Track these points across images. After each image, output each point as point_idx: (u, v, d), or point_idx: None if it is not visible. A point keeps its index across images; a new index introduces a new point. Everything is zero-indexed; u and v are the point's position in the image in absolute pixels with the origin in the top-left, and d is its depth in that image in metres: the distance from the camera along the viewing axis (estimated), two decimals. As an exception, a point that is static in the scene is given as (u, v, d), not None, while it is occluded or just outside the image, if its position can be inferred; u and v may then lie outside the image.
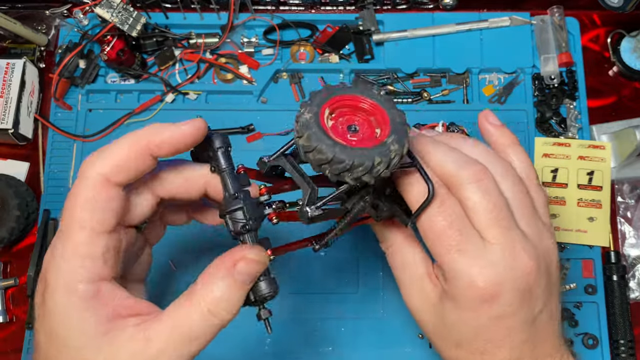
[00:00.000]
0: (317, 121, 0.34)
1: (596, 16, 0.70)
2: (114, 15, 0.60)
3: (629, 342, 0.59)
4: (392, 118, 0.36)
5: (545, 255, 0.38)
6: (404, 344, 0.60)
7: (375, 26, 0.68)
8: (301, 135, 0.34)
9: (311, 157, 0.34)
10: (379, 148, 0.34)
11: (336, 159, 0.33)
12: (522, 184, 0.40)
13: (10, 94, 0.64)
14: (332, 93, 0.36)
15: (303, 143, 0.34)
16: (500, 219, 0.37)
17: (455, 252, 0.37)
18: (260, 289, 0.36)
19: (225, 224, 0.37)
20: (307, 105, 0.35)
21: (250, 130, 0.65)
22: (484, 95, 0.67)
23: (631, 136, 0.60)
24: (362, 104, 0.37)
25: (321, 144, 0.33)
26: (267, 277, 0.36)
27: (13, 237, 0.61)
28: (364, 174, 0.34)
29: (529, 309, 0.38)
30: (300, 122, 0.35)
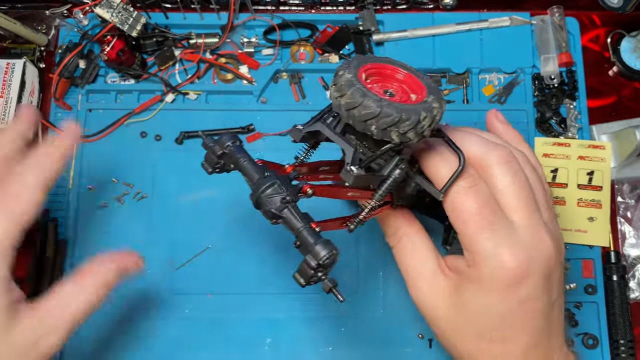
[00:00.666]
0: (359, 79, 0.35)
1: (596, 16, 0.70)
2: (114, 15, 0.60)
3: (629, 342, 0.59)
4: (427, 84, 0.37)
5: (559, 242, 0.40)
6: (404, 344, 0.60)
7: (375, 26, 0.68)
8: (344, 93, 0.35)
9: (356, 114, 0.34)
10: (422, 104, 0.35)
11: (384, 113, 0.33)
12: (537, 173, 0.41)
13: (10, 94, 0.64)
14: (366, 60, 0.37)
15: (347, 100, 0.34)
16: (528, 202, 0.38)
17: (487, 232, 0.37)
18: (318, 253, 0.34)
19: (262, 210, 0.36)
20: (345, 68, 0.36)
21: (250, 130, 0.65)
22: (484, 95, 0.67)
23: (631, 136, 0.60)
24: (395, 73, 0.38)
25: (367, 99, 0.34)
26: (320, 239, 0.35)
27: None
28: (410, 129, 0.34)
29: (549, 295, 0.38)
30: (342, 81, 0.35)
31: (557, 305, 0.40)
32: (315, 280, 0.35)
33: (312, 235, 0.35)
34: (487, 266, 0.37)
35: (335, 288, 0.35)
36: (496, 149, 0.39)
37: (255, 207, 0.36)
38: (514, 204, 0.38)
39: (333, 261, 0.34)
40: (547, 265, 0.38)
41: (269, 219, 0.36)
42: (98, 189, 0.64)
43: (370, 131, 0.35)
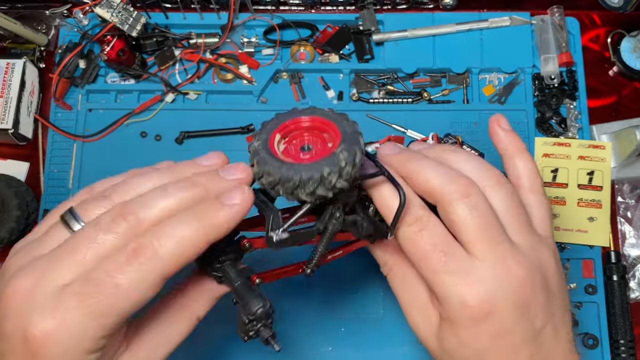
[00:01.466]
0: (266, 146, 0.35)
1: (596, 16, 0.70)
2: (114, 15, 0.60)
3: (629, 342, 0.59)
4: (343, 130, 0.35)
5: (540, 268, 0.37)
6: (404, 344, 0.60)
7: (375, 26, 0.68)
8: (252, 163, 0.35)
9: (264, 182, 0.34)
10: (327, 159, 0.33)
11: (284, 178, 0.33)
12: (516, 197, 0.38)
13: (10, 94, 0.64)
14: (282, 119, 0.37)
15: (255, 170, 0.34)
16: (488, 234, 0.36)
17: (442, 273, 0.35)
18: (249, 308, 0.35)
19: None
20: (257, 134, 0.36)
21: (250, 130, 0.65)
22: (484, 95, 0.67)
23: (631, 136, 0.60)
24: (312, 123, 0.37)
25: (268, 166, 0.33)
26: (253, 294, 0.35)
27: (13, 237, 0.61)
28: (316, 187, 0.33)
29: (528, 324, 0.36)
30: (251, 151, 0.35)
31: (549, 327, 0.37)
32: (253, 333, 0.35)
33: (246, 290, 0.36)
34: (450, 306, 0.36)
35: (272, 338, 0.36)
36: (454, 182, 0.36)
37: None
38: (472, 238, 0.36)
39: (266, 313, 0.35)
40: (519, 294, 0.35)
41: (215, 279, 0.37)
42: (98, 189, 0.64)
43: (281, 196, 0.34)
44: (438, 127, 0.65)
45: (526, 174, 0.40)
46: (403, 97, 0.67)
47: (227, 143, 0.65)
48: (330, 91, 0.67)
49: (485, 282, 0.35)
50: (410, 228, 0.37)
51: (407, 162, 0.38)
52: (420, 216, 0.37)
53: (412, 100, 0.67)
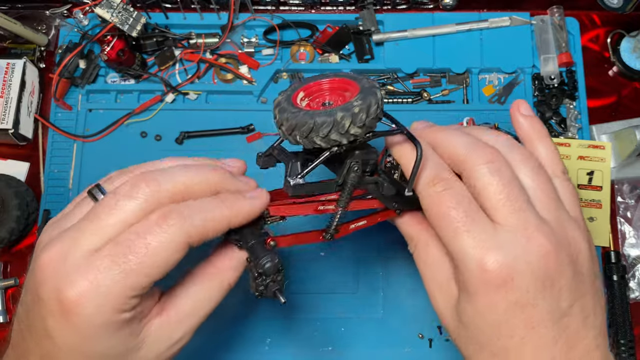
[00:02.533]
0: (288, 100, 0.38)
1: (596, 16, 0.70)
2: (114, 15, 0.60)
3: (629, 342, 0.59)
4: (362, 85, 0.37)
5: (568, 244, 0.35)
6: (404, 344, 0.60)
7: (375, 26, 0.68)
8: (274, 114, 0.37)
9: (283, 129, 0.37)
10: (342, 106, 0.35)
11: (300, 122, 0.35)
12: (544, 172, 0.38)
13: (10, 94, 0.64)
14: (308, 80, 0.39)
15: (276, 119, 0.37)
16: (511, 199, 0.35)
17: (462, 233, 0.35)
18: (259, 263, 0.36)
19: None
20: (282, 92, 0.39)
21: (250, 130, 0.65)
22: (484, 95, 0.67)
23: (631, 136, 0.60)
24: (332, 84, 0.39)
25: (287, 113, 0.36)
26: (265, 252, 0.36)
27: (13, 237, 0.61)
28: (329, 131, 0.35)
29: (552, 300, 0.34)
30: (275, 104, 0.38)
31: (577, 307, 0.35)
32: (263, 288, 0.36)
33: (259, 248, 0.37)
34: (468, 270, 0.35)
35: (279, 292, 0.36)
36: (478, 149, 0.36)
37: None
38: (494, 203, 0.35)
39: (275, 268, 0.36)
40: (542, 266, 0.34)
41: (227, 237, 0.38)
42: (98, 189, 0.64)
43: (297, 142, 0.36)
44: (438, 127, 0.65)
45: (549, 159, 0.39)
46: (403, 97, 0.67)
47: (227, 143, 0.65)
48: (330, 91, 0.67)
49: (505, 247, 0.34)
50: (434, 187, 0.37)
51: (436, 132, 0.40)
52: (445, 177, 0.37)
53: (412, 100, 0.67)
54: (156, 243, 0.32)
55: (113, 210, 0.33)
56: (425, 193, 0.37)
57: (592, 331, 0.35)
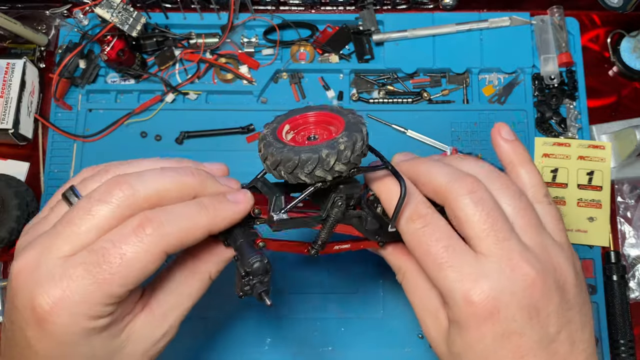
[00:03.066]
0: (273, 133, 0.38)
1: (596, 16, 0.70)
2: (114, 15, 0.60)
3: (628, 342, 0.59)
4: (348, 121, 0.37)
5: (554, 269, 0.35)
6: (404, 344, 0.60)
7: (375, 26, 0.68)
8: (259, 148, 0.37)
9: (268, 164, 0.37)
10: (328, 143, 0.35)
11: (285, 158, 0.35)
12: (525, 198, 0.37)
13: (10, 94, 0.64)
14: (292, 114, 0.40)
15: (261, 153, 0.37)
16: (495, 229, 0.35)
17: (445, 268, 0.35)
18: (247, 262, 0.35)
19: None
20: (268, 125, 0.39)
21: (250, 130, 0.65)
22: (484, 95, 0.67)
23: (631, 136, 0.60)
24: (318, 117, 0.39)
25: (272, 148, 0.36)
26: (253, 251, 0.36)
27: (13, 237, 0.61)
28: (314, 168, 0.35)
29: (540, 328, 0.34)
30: (260, 138, 0.38)
31: (564, 334, 0.35)
32: (248, 288, 0.35)
33: (247, 247, 0.36)
34: (455, 304, 0.35)
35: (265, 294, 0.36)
36: (459, 179, 0.36)
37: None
38: (478, 233, 0.35)
39: (263, 269, 0.35)
40: (528, 295, 0.34)
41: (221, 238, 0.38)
42: (98, 189, 0.64)
43: (281, 177, 0.36)
44: (438, 127, 0.65)
45: (531, 184, 0.39)
46: (403, 97, 0.67)
47: (227, 143, 0.65)
48: (330, 91, 0.67)
49: (489, 279, 0.34)
50: (414, 224, 0.37)
51: (417, 165, 0.39)
52: (424, 214, 0.37)
53: (412, 100, 0.67)
54: (131, 253, 0.31)
55: (87, 215, 0.32)
56: (406, 229, 0.37)
57: (581, 355, 0.35)
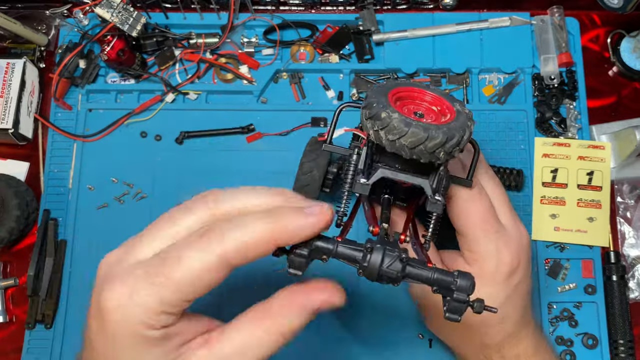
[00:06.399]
0: (394, 109, 0.35)
1: (596, 16, 0.70)
2: (114, 15, 0.60)
3: (628, 342, 0.59)
4: (454, 105, 0.39)
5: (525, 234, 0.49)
6: (404, 344, 0.60)
7: (375, 26, 0.68)
8: (386, 125, 0.35)
9: (404, 142, 0.35)
10: (457, 121, 0.36)
11: (432, 136, 0.34)
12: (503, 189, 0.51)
13: (10, 94, 0.64)
14: (389, 88, 0.38)
15: (411, 139, 0.34)
16: (509, 203, 0.48)
17: (492, 234, 0.45)
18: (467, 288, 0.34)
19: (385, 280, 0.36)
20: (374, 99, 0.36)
21: (250, 130, 0.65)
22: (484, 95, 0.67)
23: (631, 136, 0.60)
24: (421, 95, 0.40)
25: (413, 127, 0.34)
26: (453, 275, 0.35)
27: (13, 237, 0.61)
28: (455, 147, 0.36)
29: (530, 275, 0.49)
30: (394, 122, 0.35)
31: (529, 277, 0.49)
32: (463, 310, 0.35)
33: (445, 274, 0.34)
34: (489, 264, 0.46)
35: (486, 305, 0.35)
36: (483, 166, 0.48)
37: (375, 280, 0.35)
38: (500, 207, 0.47)
39: (473, 286, 0.34)
40: (529, 251, 0.48)
41: (393, 283, 0.35)
42: (98, 189, 0.64)
43: (414, 157, 0.35)
44: (438, 127, 0.65)
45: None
46: (403, 97, 0.67)
47: (227, 143, 0.65)
48: (330, 91, 0.67)
49: (514, 243, 0.46)
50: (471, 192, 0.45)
51: None
52: (477, 183, 0.46)
53: (412, 100, 0.67)
54: (188, 259, 0.31)
55: (169, 222, 0.33)
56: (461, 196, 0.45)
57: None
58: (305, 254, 0.33)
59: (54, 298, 0.60)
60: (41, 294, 0.60)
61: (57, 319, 0.60)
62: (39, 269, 0.60)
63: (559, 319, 0.60)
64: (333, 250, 0.34)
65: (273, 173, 0.64)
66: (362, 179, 0.37)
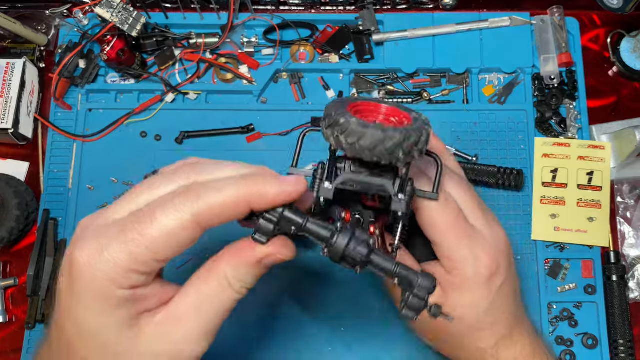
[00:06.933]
0: (352, 115, 0.36)
1: (596, 16, 0.70)
2: (114, 15, 0.60)
3: (628, 342, 0.59)
4: (410, 114, 0.39)
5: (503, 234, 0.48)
6: (404, 344, 0.60)
7: (375, 26, 0.68)
8: (345, 130, 0.35)
9: (363, 144, 0.35)
10: (414, 125, 0.36)
11: (389, 135, 0.35)
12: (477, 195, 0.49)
13: (10, 93, 0.64)
14: (347, 102, 0.39)
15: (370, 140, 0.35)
16: (479, 207, 0.46)
17: (465, 239, 0.44)
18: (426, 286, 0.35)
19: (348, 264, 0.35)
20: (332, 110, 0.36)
21: (250, 130, 0.65)
22: (484, 95, 0.67)
23: (631, 136, 0.60)
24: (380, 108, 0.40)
25: (370, 129, 0.35)
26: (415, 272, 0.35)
27: (13, 237, 0.61)
28: (414, 147, 0.35)
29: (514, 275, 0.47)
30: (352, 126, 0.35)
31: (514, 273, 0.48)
32: (421, 309, 0.35)
33: (408, 270, 0.35)
34: (467, 269, 0.44)
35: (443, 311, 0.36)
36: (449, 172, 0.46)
37: (338, 261, 0.35)
38: (471, 211, 0.45)
39: (434, 287, 0.35)
40: (508, 251, 0.46)
41: (354, 267, 0.35)
42: (98, 189, 0.64)
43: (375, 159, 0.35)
44: (438, 127, 0.65)
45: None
46: (403, 97, 0.67)
47: (227, 143, 0.65)
48: (330, 91, 0.67)
49: (490, 244, 0.45)
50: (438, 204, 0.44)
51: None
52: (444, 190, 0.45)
53: (412, 100, 0.67)
54: (161, 216, 0.31)
55: (149, 186, 0.34)
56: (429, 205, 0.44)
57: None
58: (275, 220, 0.34)
59: (54, 298, 0.60)
60: (41, 294, 0.60)
61: (57, 319, 0.60)
62: (38, 269, 0.60)
63: (559, 319, 0.60)
64: (302, 223, 0.35)
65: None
66: (326, 183, 0.38)
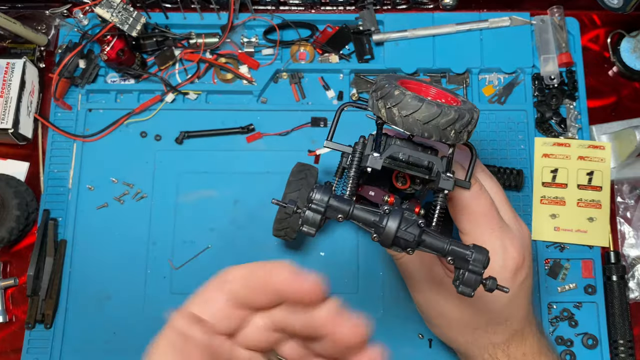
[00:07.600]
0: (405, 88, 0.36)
1: (596, 16, 0.70)
2: (114, 15, 0.60)
3: (628, 342, 0.59)
4: (458, 97, 0.39)
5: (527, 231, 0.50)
6: (404, 344, 0.60)
7: (375, 26, 0.68)
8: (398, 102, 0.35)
9: (417, 117, 0.35)
10: (465, 106, 0.36)
11: (445, 112, 0.34)
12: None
13: (10, 93, 0.64)
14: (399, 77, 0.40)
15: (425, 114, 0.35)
16: (508, 201, 0.48)
17: (497, 230, 0.45)
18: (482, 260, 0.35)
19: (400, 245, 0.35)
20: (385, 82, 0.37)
21: (250, 130, 0.65)
22: (484, 95, 0.67)
23: (631, 136, 0.60)
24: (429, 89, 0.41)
25: (427, 103, 0.35)
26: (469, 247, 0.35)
27: (13, 237, 0.61)
28: (465, 127, 0.36)
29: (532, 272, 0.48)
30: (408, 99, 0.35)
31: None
32: (478, 283, 0.35)
33: (460, 246, 0.35)
34: (496, 260, 0.44)
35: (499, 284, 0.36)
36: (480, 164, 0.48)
37: (389, 245, 0.34)
38: (501, 205, 0.47)
39: (488, 259, 0.35)
40: (531, 248, 0.48)
41: (406, 248, 0.34)
42: (98, 189, 0.64)
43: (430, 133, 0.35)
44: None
45: None
46: (403, 97, 0.67)
47: (227, 143, 0.65)
48: (330, 91, 0.67)
49: (518, 238, 0.46)
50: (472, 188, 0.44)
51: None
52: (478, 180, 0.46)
53: (412, 100, 0.67)
54: None
55: None
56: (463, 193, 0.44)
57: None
58: (322, 210, 0.33)
59: (53, 298, 0.60)
60: (41, 294, 0.60)
61: (56, 319, 0.60)
62: (38, 268, 0.60)
63: (559, 319, 0.60)
64: (349, 210, 0.34)
65: (273, 173, 0.64)
66: (374, 153, 0.37)
